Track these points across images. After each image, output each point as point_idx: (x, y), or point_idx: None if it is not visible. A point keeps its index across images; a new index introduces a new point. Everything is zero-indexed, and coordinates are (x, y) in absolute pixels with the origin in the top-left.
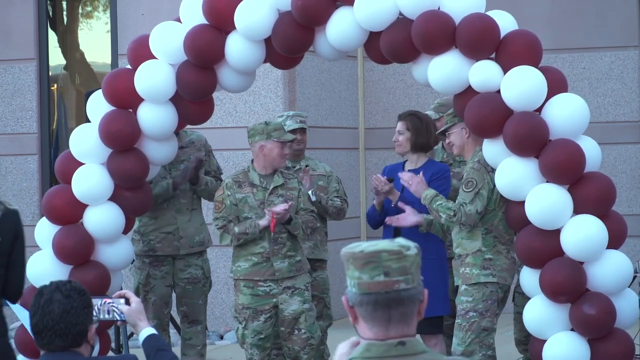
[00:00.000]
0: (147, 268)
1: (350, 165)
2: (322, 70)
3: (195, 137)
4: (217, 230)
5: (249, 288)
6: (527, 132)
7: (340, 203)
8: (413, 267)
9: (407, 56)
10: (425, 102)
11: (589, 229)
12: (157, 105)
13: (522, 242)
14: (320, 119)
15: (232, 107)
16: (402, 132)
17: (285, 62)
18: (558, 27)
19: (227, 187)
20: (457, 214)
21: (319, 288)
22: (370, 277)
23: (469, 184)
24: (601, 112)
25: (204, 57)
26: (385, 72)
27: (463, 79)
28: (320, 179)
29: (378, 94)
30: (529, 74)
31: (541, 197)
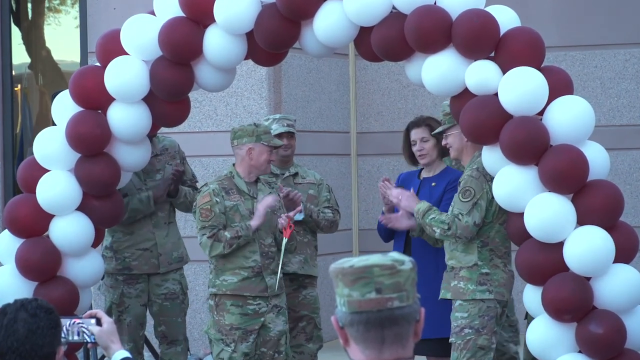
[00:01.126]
0: (120, 286)
1: (341, 173)
2: (310, 70)
3: (168, 143)
4: (207, 240)
5: (238, 307)
6: (525, 137)
7: (332, 215)
8: (408, 284)
9: (399, 54)
10: (422, 104)
11: (594, 241)
12: (129, 106)
13: (523, 257)
14: (309, 123)
15: (211, 110)
16: (427, 140)
17: (268, 59)
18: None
19: (214, 194)
20: (452, 226)
21: (309, 307)
22: (361, 295)
23: (466, 193)
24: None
25: (181, 52)
26: (379, 72)
27: (459, 80)
28: (310, 187)
29: (371, 95)
30: (528, 75)
31: (541, 207)
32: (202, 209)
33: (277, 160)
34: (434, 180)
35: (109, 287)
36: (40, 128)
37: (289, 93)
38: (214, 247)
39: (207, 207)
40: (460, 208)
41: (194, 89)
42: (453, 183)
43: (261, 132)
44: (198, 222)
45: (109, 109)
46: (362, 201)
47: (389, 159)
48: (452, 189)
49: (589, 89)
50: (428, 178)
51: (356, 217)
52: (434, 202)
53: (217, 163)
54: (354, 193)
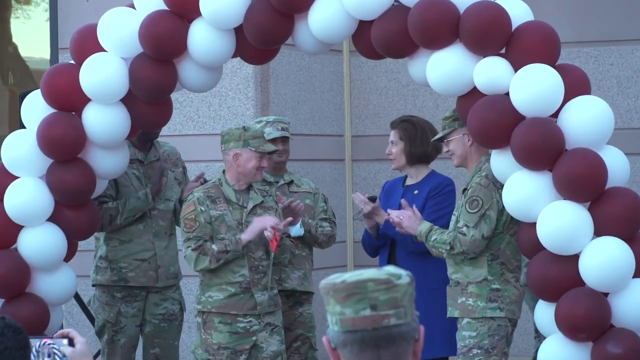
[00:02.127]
0: (117, 304)
1: (335, 180)
2: (300, 67)
3: (168, 149)
4: (191, 253)
5: (226, 325)
6: (538, 141)
7: (330, 228)
8: (405, 299)
9: (402, 50)
10: (423, 105)
11: (612, 253)
12: (106, 107)
13: (535, 271)
14: (299, 125)
15: (193, 111)
16: (395, 143)
17: (258, 56)
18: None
19: (199, 202)
20: (455, 245)
21: (305, 325)
22: (355, 312)
23: (473, 203)
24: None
25: (163, 48)
26: (376, 70)
27: (467, 78)
28: (306, 196)
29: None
30: (542, 73)
31: (555, 216)
32: (187, 219)
33: (270, 167)
34: (416, 188)
35: (103, 303)
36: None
37: (278, 93)
38: (200, 261)
39: (191, 216)
40: (466, 220)
41: (176, 90)
42: (436, 189)
43: (249, 137)
44: (183, 233)
45: (84, 110)
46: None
47: (386, 165)
48: (435, 196)
49: (604, 88)
50: (411, 186)
51: (351, 228)
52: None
53: (198, 169)
54: (349, 202)
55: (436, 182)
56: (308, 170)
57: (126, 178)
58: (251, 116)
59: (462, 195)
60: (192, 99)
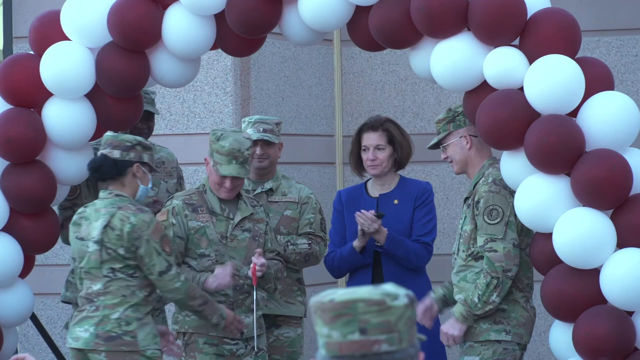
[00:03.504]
0: None
1: (324, 186)
2: (285, 58)
3: (165, 156)
4: None
5: (213, 346)
6: (555, 141)
7: (307, 246)
8: (401, 323)
9: (404, 40)
10: (424, 101)
11: (637, 267)
12: (69, 103)
13: (551, 287)
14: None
15: (164, 108)
16: (382, 148)
17: (241, 47)
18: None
19: (173, 213)
20: (490, 271)
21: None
22: (342, 335)
23: (493, 213)
24: None
25: (135, 37)
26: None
27: (476, 71)
28: (288, 206)
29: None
30: (560, 65)
31: (574, 226)
32: None
33: (252, 173)
34: (394, 197)
35: None
36: None
37: (260, 87)
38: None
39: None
40: (492, 232)
41: (147, 84)
42: (422, 197)
43: (215, 149)
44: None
45: (44, 106)
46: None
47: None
48: (421, 205)
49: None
50: (386, 194)
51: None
52: (403, 224)
53: None
54: None
55: (419, 189)
56: (294, 175)
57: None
58: (230, 113)
59: (464, 206)
60: (163, 94)
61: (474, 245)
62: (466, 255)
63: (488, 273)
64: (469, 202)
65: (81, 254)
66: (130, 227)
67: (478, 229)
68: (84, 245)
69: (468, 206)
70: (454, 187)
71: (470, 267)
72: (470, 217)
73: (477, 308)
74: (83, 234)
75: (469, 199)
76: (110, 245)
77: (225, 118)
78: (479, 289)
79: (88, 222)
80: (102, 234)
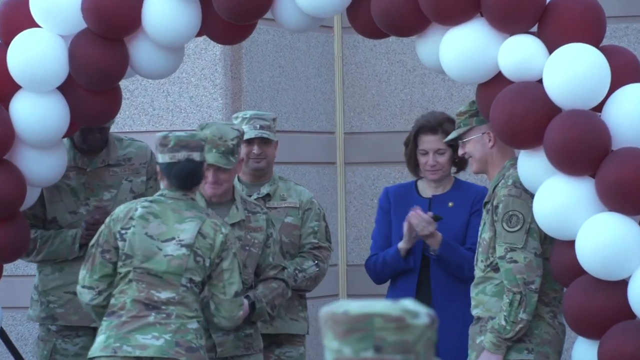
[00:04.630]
0: (53, 339)
1: (323, 188)
2: (281, 47)
3: (135, 151)
4: None
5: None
6: (577, 139)
7: (315, 267)
8: (420, 345)
9: (409, 26)
10: (434, 95)
11: None
12: (39, 96)
13: (573, 300)
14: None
15: (147, 102)
16: (443, 152)
17: (229, 34)
18: None
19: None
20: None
21: None
22: (354, 352)
23: (512, 219)
24: None
25: (112, 23)
26: (375, 51)
27: (490, 61)
28: (290, 212)
29: (365, 83)
30: (583, 55)
31: (599, 232)
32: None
33: (248, 175)
34: (449, 199)
35: (40, 339)
36: None
37: (252, 79)
38: None
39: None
40: (512, 241)
41: (126, 76)
42: (479, 203)
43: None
44: None
45: (12, 100)
46: (352, 227)
47: (388, 169)
48: (478, 212)
49: None
50: (440, 196)
51: (344, 248)
52: (457, 230)
53: None
54: (341, 215)
55: (477, 193)
56: (290, 176)
57: (55, 192)
58: (219, 108)
59: (484, 211)
60: (145, 87)
61: (493, 254)
62: (485, 265)
63: (509, 289)
64: (488, 207)
65: (148, 253)
66: (223, 238)
67: (497, 237)
68: (154, 245)
69: (487, 211)
70: None
71: (489, 279)
72: (490, 223)
73: (507, 332)
74: (153, 232)
75: (489, 204)
76: (200, 253)
77: (214, 113)
78: (504, 310)
79: (160, 221)
80: (194, 239)
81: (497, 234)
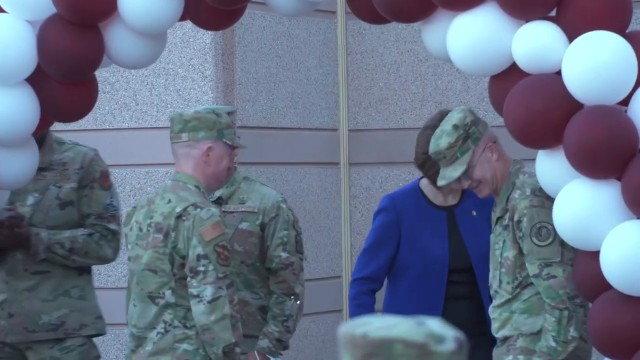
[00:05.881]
0: None
1: (325, 191)
2: (278, 35)
3: (72, 156)
4: (225, 298)
5: None
6: (601, 138)
7: (296, 303)
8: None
9: (412, 12)
10: (449, 87)
11: None
12: (6, 89)
13: (599, 317)
14: (276, 115)
15: (129, 96)
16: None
17: (215, 18)
18: None
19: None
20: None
21: None
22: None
23: (542, 231)
24: None
25: (85, 7)
26: (383, 38)
27: (503, 51)
28: (245, 218)
29: (371, 74)
30: (607, 44)
31: (625, 242)
32: (220, 246)
33: None
34: (471, 208)
35: None
36: None
37: (246, 70)
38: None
39: (224, 243)
40: (547, 256)
41: (102, 65)
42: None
43: (224, 125)
44: (216, 264)
45: None
46: (358, 234)
47: (397, 170)
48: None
49: None
50: (460, 206)
51: (348, 257)
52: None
53: (137, 176)
54: (345, 222)
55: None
56: (288, 177)
57: None
58: (209, 102)
59: (497, 226)
60: (127, 78)
61: (520, 273)
62: (513, 287)
63: (554, 307)
64: (504, 223)
65: None
66: None
67: (527, 254)
68: None
69: (505, 227)
70: None
71: (517, 297)
72: (512, 240)
73: (558, 353)
74: None
75: (503, 218)
76: None
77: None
78: (551, 330)
79: None
80: None
81: (526, 252)
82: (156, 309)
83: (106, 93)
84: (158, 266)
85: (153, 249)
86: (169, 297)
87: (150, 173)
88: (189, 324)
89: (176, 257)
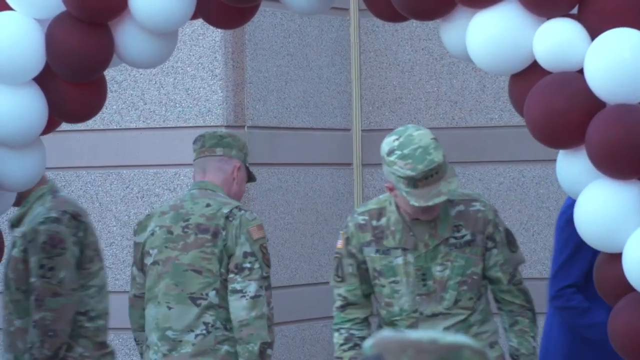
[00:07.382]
0: None
1: (338, 193)
2: (289, 32)
3: None
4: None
5: None
6: (624, 137)
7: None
8: None
9: (432, 9)
10: (464, 86)
11: None
12: (14, 89)
13: (621, 322)
14: (287, 115)
15: (137, 96)
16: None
17: (227, 16)
18: None
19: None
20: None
21: None
22: None
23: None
24: None
25: (95, 5)
26: (397, 36)
27: (524, 49)
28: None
29: (385, 73)
30: (631, 41)
31: None
32: (264, 247)
33: None
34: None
35: None
36: None
37: (257, 69)
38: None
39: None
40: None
41: (112, 65)
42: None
43: (247, 152)
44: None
45: None
46: None
47: None
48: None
49: None
50: None
51: None
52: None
53: (145, 177)
54: None
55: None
56: (300, 179)
57: None
58: (219, 102)
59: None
60: (135, 78)
61: (482, 286)
62: (474, 302)
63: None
64: (464, 239)
65: None
66: None
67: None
68: None
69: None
70: (501, 194)
71: (475, 310)
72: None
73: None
74: None
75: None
76: None
77: (213, 107)
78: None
79: None
80: None
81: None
82: (197, 311)
83: (113, 92)
84: (204, 266)
85: (198, 249)
86: (213, 298)
87: (158, 174)
88: (229, 325)
89: (225, 256)
